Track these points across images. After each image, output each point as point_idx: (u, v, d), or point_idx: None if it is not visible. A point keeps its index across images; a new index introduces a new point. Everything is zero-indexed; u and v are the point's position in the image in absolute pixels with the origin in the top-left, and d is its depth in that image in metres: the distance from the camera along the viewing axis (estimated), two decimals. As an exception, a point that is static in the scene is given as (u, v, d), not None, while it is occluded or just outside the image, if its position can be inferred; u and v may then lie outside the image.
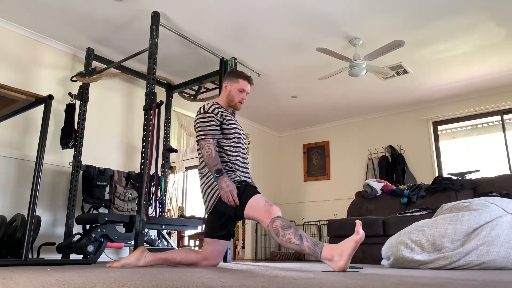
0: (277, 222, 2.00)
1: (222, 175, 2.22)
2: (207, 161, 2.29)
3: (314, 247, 1.89)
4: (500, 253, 2.26)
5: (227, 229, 2.38)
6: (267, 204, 2.11)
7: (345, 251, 1.83)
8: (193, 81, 4.43)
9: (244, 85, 2.52)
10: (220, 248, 2.37)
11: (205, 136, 2.33)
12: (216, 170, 2.24)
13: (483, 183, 4.17)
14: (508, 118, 5.20)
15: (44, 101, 2.55)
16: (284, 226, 1.98)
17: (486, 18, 3.62)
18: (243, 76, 2.55)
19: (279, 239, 1.98)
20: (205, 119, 2.37)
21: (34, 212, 2.38)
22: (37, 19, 3.64)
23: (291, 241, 1.93)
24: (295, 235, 1.94)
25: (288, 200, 6.85)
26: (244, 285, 1.08)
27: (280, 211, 2.09)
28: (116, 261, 2.29)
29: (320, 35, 3.91)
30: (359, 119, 6.37)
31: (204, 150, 2.30)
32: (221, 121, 2.39)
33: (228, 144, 2.40)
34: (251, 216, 2.15)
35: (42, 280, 1.26)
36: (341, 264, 1.82)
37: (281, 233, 1.97)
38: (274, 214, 2.04)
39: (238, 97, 2.52)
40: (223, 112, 2.44)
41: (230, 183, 2.20)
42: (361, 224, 1.87)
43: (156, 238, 4.01)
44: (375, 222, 3.99)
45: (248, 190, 2.22)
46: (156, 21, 3.47)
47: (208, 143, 2.31)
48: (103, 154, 4.25)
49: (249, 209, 2.15)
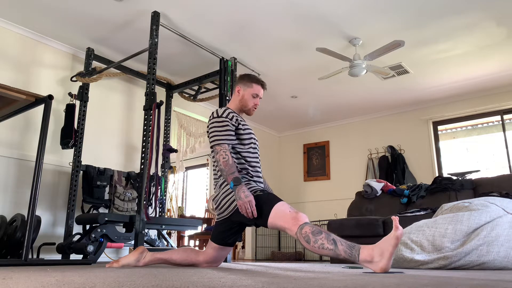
0: (306, 228, 1.87)
1: (240, 184, 2.10)
2: (223, 168, 2.15)
3: (350, 250, 1.76)
4: (500, 253, 2.26)
5: (235, 237, 2.31)
6: (293, 211, 1.99)
7: (386, 250, 1.69)
8: (193, 81, 4.44)
9: (258, 90, 2.43)
10: (224, 253, 2.33)
11: (220, 142, 2.21)
12: (234, 178, 2.11)
13: (483, 183, 4.17)
14: (508, 118, 5.20)
15: (44, 101, 2.55)
16: (314, 232, 1.84)
17: (486, 18, 3.62)
18: (256, 80, 2.45)
19: (311, 246, 1.84)
20: (219, 124, 2.25)
21: (34, 212, 2.38)
22: (37, 19, 3.64)
23: (324, 247, 1.80)
24: (327, 240, 1.80)
25: (288, 200, 6.85)
26: (244, 285, 1.08)
27: (307, 218, 1.96)
28: (115, 261, 2.28)
29: (320, 35, 3.91)
30: (359, 119, 6.37)
31: (220, 156, 2.17)
32: (236, 126, 2.29)
33: (245, 150, 2.30)
34: (276, 225, 2.01)
35: (42, 280, 1.26)
36: (383, 265, 1.69)
37: (312, 240, 1.83)
38: (301, 221, 1.91)
39: (252, 102, 2.42)
40: (237, 117, 2.34)
41: (249, 194, 2.08)
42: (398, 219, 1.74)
43: (156, 238, 4.01)
44: (375, 222, 3.99)
45: (271, 198, 2.10)
46: (156, 21, 3.47)
47: (224, 149, 2.19)
48: (103, 154, 4.25)
49: (274, 217, 2.01)
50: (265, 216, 2.05)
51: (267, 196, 2.11)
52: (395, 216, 1.75)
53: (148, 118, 3.28)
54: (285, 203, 2.06)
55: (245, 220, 2.15)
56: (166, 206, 4.48)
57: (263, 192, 2.14)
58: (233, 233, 2.28)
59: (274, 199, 2.08)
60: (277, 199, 2.08)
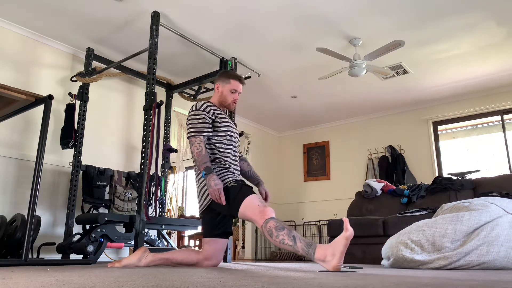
0: (271, 223, 2.01)
1: (211, 173, 2.24)
2: (196, 158, 2.30)
3: (307, 248, 1.90)
4: (500, 253, 2.26)
5: (224, 228, 2.40)
6: (262, 205, 2.12)
7: (337, 250, 1.83)
8: (193, 81, 4.43)
9: (236, 85, 2.52)
10: (220, 246, 2.38)
11: (195, 133, 2.35)
12: (206, 167, 2.26)
13: (483, 183, 4.17)
14: (508, 118, 5.20)
15: (44, 101, 2.55)
16: (277, 227, 1.99)
17: (486, 18, 3.62)
18: (234, 76, 2.55)
19: (273, 240, 1.99)
20: (196, 117, 2.38)
21: (34, 212, 2.38)
22: (37, 19, 3.64)
23: (285, 242, 1.95)
24: (288, 236, 1.95)
25: (288, 200, 6.85)
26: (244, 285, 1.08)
27: (274, 213, 2.10)
28: (117, 261, 2.29)
29: (320, 35, 3.91)
30: (359, 119, 6.37)
31: (194, 147, 2.32)
32: (213, 119, 2.41)
33: (220, 141, 2.41)
34: (246, 215, 2.16)
35: (42, 280, 1.26)
36: (335, 264, 1.82)
37: (274, 234, 1.98)
38: (268, 215, 2.05)
39: (231, 97, 2.53)
40: (216, 110, 2.45)
41: (219, 182, 2.22)
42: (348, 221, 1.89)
43: (156, 238, 4.01)
44: (375, 222, 3.99)
45: (244, 189, 2.23)
46: (156, 21, 3.47)
47: (199, 140, 2.32)
48: (103, 154, 4.25)
49: (244, 208, 2.16)
50: (236, 206, 2.19)
51: (240, 187, 2.24)
52: (346, 218, 1.90)
53: (148, 118, 3.28)
54: (256, 196, 2.20)
55: (221, 209, 2.28)
56: (166, 206, 4.48)
57: (237, 183, 2.27)
58: (218, 223, 2.38)
59: (247, 191, 2.22)
60: (249, 192, 2.21)
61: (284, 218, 6.72)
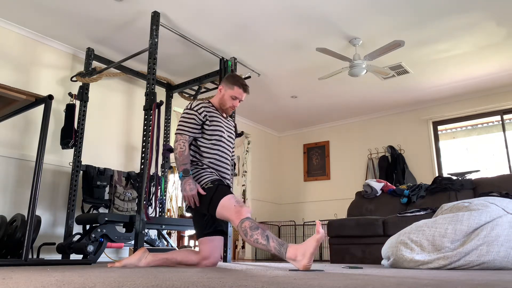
0: (246, 223, 2.06)
1: (188, 176, 2.28)
2: (178, 157, 2.32)
3: (279, 248, 1.96)
4: (500, 253, 2.26)
5: (214, 226, 2.41)
6: (238, 205, 2.15)
7: (308, 250, 1.89)
8: (193, 81, 4.44)
9: (238, 93, 2.51)
10: (215, 244, 2.39)
11: (182, 132, 2.37)
12: (184, 170, 2.29)
13: (483, 183, 4.17)
14: (508, 118, 5.20)
15: (44, 101, 2.55)
16: (252, 227, 2.04)
17: (486, 18, 3.62)
18: (239, 84, 2.51)
19: (247, 239, 2.05)
20: (187, 116, 2.40)
21: (34, 212, 2.38)
22: (37, 19, 3.64)
23: (258, 241, 2.00)
24: (262, 236, 2.00)
25: (288, 200, 6.85)
26: (244, 285, 1.08)
27: (250, 213, 2.14)
28: (117, 261, 2.30)
29: (320, 35, 3.91)
30: (359, 119, 6.37)
31: (178, 145, 2.34)
32: (203, 121, 2.41)
33: (205, 145, 2.41)
34: (223, 215, 2.20)
35: (42, 280, 1.26)
36: (305, 263, 1.88)
37: (249, 234, 2.03)
38: (243, 215, 2.09)
39: (230, 103, 2.52)
40: (209, 112, 2.45)
41: (194, 186, 2.26)
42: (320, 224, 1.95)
43: (156, 238, 4.02)
44: (375, 222, 3.99)
45: (220, 189, 2.26)
46: (156, 21, 3.47)
47: (184, 139, 2.35)
48: (103, 154, 4.25)
49: (221, 208, 2.19)
50: (214, 206, 2.22)
51: (216, 188, 2.28)
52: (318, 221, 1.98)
53: (148, 118, 3.28)
54: (232, 196, 2.23)
55: (200, 208, 2.31)
56: (166, 206, 4.48)
57: (213, 184, 2.30)
58: (206, 222, 2.40)
59: (224, 191, 2.25)
60: (226, 192, 2.25)
61: (284, 218, 6.72)
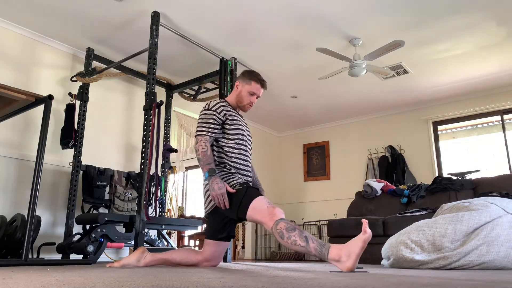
0: (281, 224, 1.95)
1: (214, 175, 2.18)
2: (201, 157, 2.24)
3: (320, 248, 1.84)
4: (500, 253, 2.26)
5: (228, 231, 2.34)
6: (270, 206, 2.05)
7: (353, 251, 1.78)
8: (193, 81, 4.44)
9: (256, 88, 2.44)
10: (221, 249, 2.35)
11: (202, 132, 2.29)
12: (210, 169, 2.20)
13: (483, 183, 4.17)
14: (508, 118, 5.20)
15: (44, 101, 2.55)
16: (288, 228, 1.92)
17: (486, 18, 3.62)
18: (256, 78, 2.45)
19: (284, 241, 1.92)
20: (206, 116, 2.32)
21: (34, 212, 2.38)
22: (37, 19, 3.64)
23: (296, 243, 1.88)
24: (300, 237, 1.89)
25: (288, 200, 6.85)
26: (244, 285, 1.08)
27: (283, 213, 2.03)
28: (116, 261, 2.29)
29: (320, 35, 3.91)
30: (359, 119, 6.37)
31: (200, 146, 2.25)
32: (223, 120, 2.34)
33: (228, 144, 2.34)
34: (254, 218, 2.09)
35: (42, 280, 1.26)
36: (349, 265, 1.77)
37: (286, 235, 1.91)
38: (277, 216, 1.99)
39: (248, 99, 2.45)
40: (228, 111, 2.37)
41: (223, 185, 2.16)
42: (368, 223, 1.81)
43: (156, 238, 4.01)
44: (375, 222, 3.99)
45: (250, 192, 2.15)
46: (156, 21, 3.47)
47: (205, 140, 2.27)
48: (103, 154, 4.25)
49: (251, 211, 2.08)
50: (244, 209, 2.11)
51: (247, 190, 2.16)
52: (365, 220, 1.84)
53: (148, 118, 3.28)
54: (264, 198, 2.12)
55: (228, 212, 2.20)
56: (166, 206, 4.48)
57: (242, 186, 2.19)
58: (222, 226, 2.32)
59: (254, 193, 2.14)
60: (256, 194, 2.14)
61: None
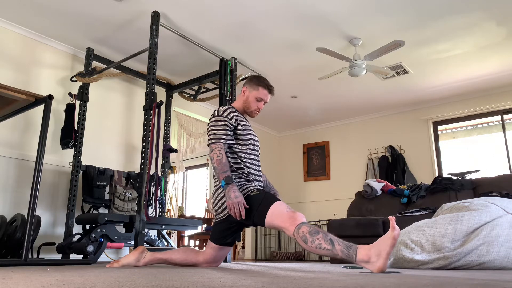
0: (303, 228, 1.86)
1: (231, 183, 2.11)
2: (216, 166, 2.16)
3: (348, 250, 1.76)
4: (500, 253, 2.26)
5: (234, 237, 2.31)
6: (290, 210, 1.98)
7: (383, 250, 1.69)
8: (193, 81, 4.44)
9: (263, 94, 2.39)
10: (223, 253, 2.33)
11: (216, 140, 2.22)
12: (226, 177, 2.13)
13: (483, 183, 4.17)
14: (508, 118, 5.20)
15: (44, 101, 2.55)
16: (311, 232, 1.84)
17: (486, 18, 3.62)
18: (264, 84, 2.41)
19: (308, 246, 1.83)
20: (218, 123, 2.25)
21: (34, 212, 2.38)
22: (37, 19, 3.64)
23: (322, 247, 1.80)
24: (325, 240, 1.80)
25: (288, 200, 6.85)
26: (244, 285, 1.08)
27: (304, 217, 1.95)
28: (115, 261, 2.28)
29: (320, 35, 3.91)
30: (359, 119, 6.37)
31: (215, 154, 2.18)
32: (235, 126, 2.28)
33: (242, 150, 2.29)
34: (273, 224, 2.01)
35: (42, 280, 1.26)
36: (380, 265, 1.69)
37: (309, 239, 1.83)
38: (298, 221, 1.91)
39: (255, 105, 2.40)
40: (238, 117, 2.32)
41: (239, 194, 2.08)
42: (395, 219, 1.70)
43: (156, 238, 4.01)
44: (375, 222, 3.99)
45: (268, 197, 2.09)
46: (156, 21, 3.47)
47: (219, 147, 2.20)
48: (103, 154, 4.25)
49: (270, 217, 2.00)
50: (262, 215, 2.04)
51: (264, 195, 2.10)
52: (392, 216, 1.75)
53: (148, 118, 3.28)
54: (282, 202, 2.06)
55: (243, 220, 2.13)
56: (166, 206, 4.48)
57: (260, 192, 2.13)
58: (231, 233, 2.28)
59: (272, 198, 2.07)
60: (274, 199, 2.07)
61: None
